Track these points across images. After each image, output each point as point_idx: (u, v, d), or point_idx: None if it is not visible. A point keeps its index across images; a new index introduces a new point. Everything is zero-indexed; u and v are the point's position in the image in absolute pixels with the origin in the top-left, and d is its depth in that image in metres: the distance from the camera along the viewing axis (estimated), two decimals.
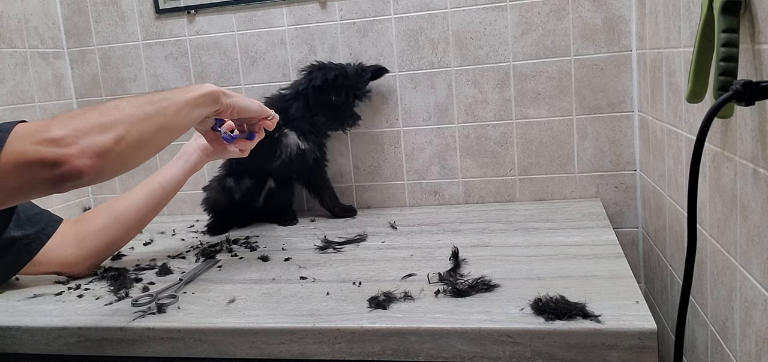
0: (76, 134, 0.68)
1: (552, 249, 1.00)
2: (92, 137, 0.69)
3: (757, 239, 0.63)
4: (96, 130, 0.70)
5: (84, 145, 0.68)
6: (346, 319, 0.79)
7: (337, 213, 1.35)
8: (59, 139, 0.67)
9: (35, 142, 0.66)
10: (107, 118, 0.72)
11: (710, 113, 0.60)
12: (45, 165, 0.66)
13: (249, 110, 0.97)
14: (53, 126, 0.68)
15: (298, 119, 1.26)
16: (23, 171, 0.66)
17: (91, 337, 0.86)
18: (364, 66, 1.30)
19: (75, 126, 0.68)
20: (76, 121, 0.69)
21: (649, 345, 0.69)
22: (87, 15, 1.50)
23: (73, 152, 0.67)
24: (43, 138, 0.66)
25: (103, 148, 0.70)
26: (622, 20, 1.23)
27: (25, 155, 0.66)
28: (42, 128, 0.68)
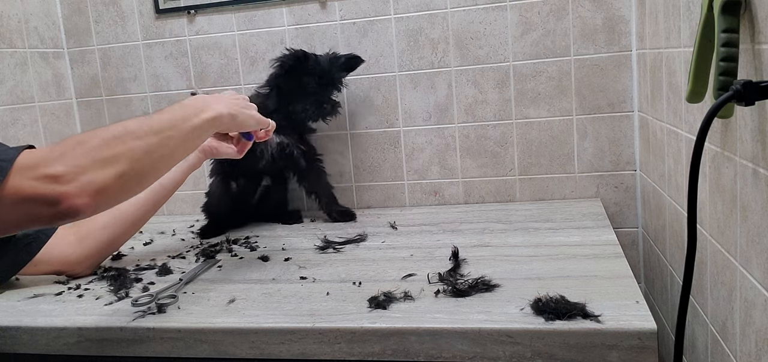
0: (76, 170, 0.66)
1: (552, 249, 1.00)
2: (92, 173, 0.66)
3: (757, 239, 0.63)
4: (97, 166, 0.67)
5: (84, 181, 0.66)
6: (346, 319, 0.79)
7: (334, 218, 1.32)
8: (59, 176, 0.64)
9: (34, 178, 0.64)
10: (110, 151, 0.69)
11: (710, 113, 0.60)
12: (43, 202, 0.64)
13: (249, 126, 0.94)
14: (54, 160, 0.65)
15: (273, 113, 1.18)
16: (21, 206, 0.64)
17: (91, 337, 0.86)
18: (338, 54, 1.28)
19: (76, 161, 0.66)
20: (77, 155, 0.67)
21: (649, 345, 0.69)
22: (87, 15, 1.50)
23: (71, 190, 0.65)
24: (43, 173, 0.64)
25: (102, 185, 0.67)
26: (622, 20, 1.23)
27: (24, 191, 0.64)
28: (42, 161, 0.65)
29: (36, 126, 1.42)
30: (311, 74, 1.22)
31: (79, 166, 0.66)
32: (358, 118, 1.39)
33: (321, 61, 1.24)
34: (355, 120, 1.40)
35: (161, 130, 0.76)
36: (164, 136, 0.76)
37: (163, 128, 0.76)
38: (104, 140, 0.69)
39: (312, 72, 1.22)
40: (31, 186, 0.64)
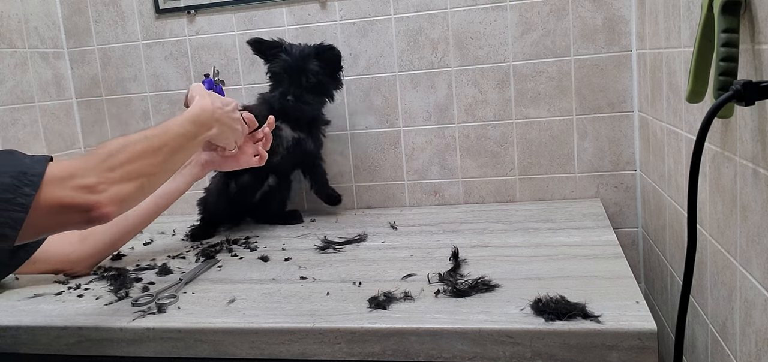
0: (108, 182, 0.74)
1: (552, 249, 1.00)
2: (120, 186, 0.76)
3: (757, 239, 0.63)
4: (124, 179, 0.76)
5: (112, 193, 0.74)
6: (346, 319, 0.79)
7: (323, 198, 1.36)
8: (93, 186, 0.73)
9: (72, 188, 0.71)
10: (134, 168, 0.78)
11: (710, 113, 0.60)
12: (78, 209, 0.72)
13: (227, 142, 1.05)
14: (87, 171, 0.73)
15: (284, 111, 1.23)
16: (57, 213, 0.71)
17: (91, 337, 0.86)
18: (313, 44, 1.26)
19: (106, 175, 0.74)
20: (107, 167, 0.75)
21: (649, 345, 0.69)
22: (87, 15, 1.50)
23: (102, 199, 0.73)
24: (80, 184, 0.72)
25: (127, 196, 0.77)
26: (622, 20, 1.23)
27: (62, 199, 0.71)
28: (78, 172, 0.73)
29: (36, 126, 1.42)
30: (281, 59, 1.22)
31: (109, 178, 0.75)
32: (358, 118, 1.39)
33: (292, 49, 1.23)
34: (355, 120, 1.40)
35: (176, 150, 0.87)
36: (177, 155, 0.88)
37: (178, 149, 0.87)
38: (132, 155, 0.79)
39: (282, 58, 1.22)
40: (69, 196, 0.71)
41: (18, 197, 0.68)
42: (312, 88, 1.23)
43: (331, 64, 1.25)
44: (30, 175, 0.70)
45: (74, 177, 0.72)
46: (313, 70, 1.22)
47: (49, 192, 0.70)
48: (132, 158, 0.78)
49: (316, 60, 1.23)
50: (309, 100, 1.24)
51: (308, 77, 1.22)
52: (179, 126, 0.89)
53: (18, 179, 0.69)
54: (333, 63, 1.26)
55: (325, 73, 1.24)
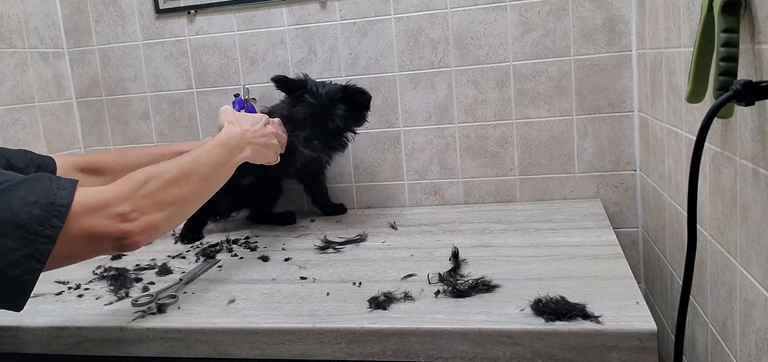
0: (140, 211, 0.74)
1: (552, 249, 1.00)
2: (152, 215, 0.76)
3: (757, 239, 0.63)
4: (156, 208, 0.77)
5: (144, 222, 0.74)
6: (346, 320, 0.79)
7: (327, 212, 1.38)
8: (126, 215, 0.73)
9: (106, 217, 0.71)
10: (167, 196, 0.79)
11: (710, 113, 0.60)
12: (111, 237, 0.72)
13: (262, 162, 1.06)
14: (121, 200, 0.73)
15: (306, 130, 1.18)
16: (91, 241, 0.71)
17: (91, 337, 0.86)
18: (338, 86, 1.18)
19: (139, 202, 0.75)
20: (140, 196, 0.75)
21: (649, 346, 0.69)
22: (87, 15, 1.50)
23: (134, 228, 0.73)
24: (114, 212, 0.72)
25: (157, 225, 0.77)
26: (622, 20, 1.23)
27: (96, 228, 0.71)
28: (110, 201, 0.73)
29: (36, 126, 1.42)
30: (306, 103, 1.15)
31: (141, 207, 0.75)
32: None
33: (318, 90, 1.16)
34: None
35: (209, 177, 0.88)
36: (210, 181, 0.89)
37: (210, 173, 0.88)
38: (164, 183, 0.79)
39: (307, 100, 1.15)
40: (104, 225, 0.71)
41: (46, 229, 0.67)
42: (336, 131, 1.17)
43: (358, 106, 1.19)
44: (58, 205, 0.68)
45: (109, 205, 0.72)
46: (339, 115, 1.15)
47: (81, 221, 0.70)
48: (164, 186, 0.79)
49: (342, 102, 1.16)
50: (333, 144, 1.18)
51: (334, 121, 1.15)
52: (209, 152, 0.90)
53: (46, 210, 0.67)
54: (361, 106, 1.20)
55: (351, 114, 1.18)
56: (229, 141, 0.95)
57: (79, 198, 0.71)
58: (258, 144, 1.01)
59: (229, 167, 0.94)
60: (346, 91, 1.17)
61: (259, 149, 1.01)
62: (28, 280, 0.67)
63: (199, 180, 0.85)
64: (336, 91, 1.16)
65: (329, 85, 1.18)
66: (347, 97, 1.17)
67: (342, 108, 1.16)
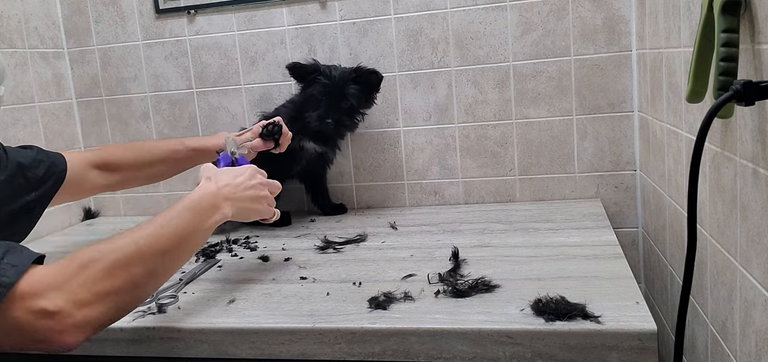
0: (74, 306, 0.62)
1: (552, 249, 1.00)
2: (90, 309, 0.63)
3: (757, 239, 0.63)
4: (96, 299, 0.64)
5: (79, 318, 0.62)
6: (346, 320, 0.79)
7: (327, 212, 1.39)
8: (53, 313, 0.60)
9: (30, 312, 0.60)
10: (113, 282, 0.65)
11: (710, 113, 0.60)
12: (35, 338, 0.60)
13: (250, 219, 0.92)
14: (51, 289, 0.61)
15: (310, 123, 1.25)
16: (14, 335, 0.61)
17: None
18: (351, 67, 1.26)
19: (74, 296, 0.62)
20: (76, 285, 0.63)
21: (649, 346, 0.69)
22: (87, 15, 1.50)
23: (64, 327, 0.61)
24: (38, 308, 0.60)
25: (97, 322, 0.64)
26: (622, 20, 1.23)
27: (18, 323, 0.60)
28: (39, 291, 0.61)
29: (36, 126, 1.42)
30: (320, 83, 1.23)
31: (78, 300, 0.62)
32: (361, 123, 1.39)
33: (331, 72, 1.24)
34: None
35: (169, 249, 0.73)
36: (173, 255, 0.74)
37: (172, 246, 0.74)
38: (111, 265, 0.66)
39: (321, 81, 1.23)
40: (25, 319, 0.60)
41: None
42: (349, 110, 1.25)
43: (370, 86, 1.27)
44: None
45: (36, 297, 0.60)
46: (352, 94, 1.23)
47: (8, 309, 0.59)
48: (111, 269, 0.65)
49: (355, 83, 1.24)
50: (347, 123, 1.26)
51: (347, 100, 1.23)
52: (173, 219, 0.75)
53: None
54: (373, 86, 1.27)
55: (363, 95, 1.26)
56: (200, 201, 0.80)
57: (26, 279, 0.60)
58: (240, 199, 0.86)
59: (200, 233, 0.79)
60: (358, 71, 1.25)
61: (243, 205, 0.86)
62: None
63: (158, 255, 0.71)
64: (350, 72, 1.24)
65: (341, 68, 1.26)
66: (360, 77, 1.25)
67: (355, 87, 1.24)
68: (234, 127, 1.40)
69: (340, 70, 1.25)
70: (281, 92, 1.40)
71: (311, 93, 1.24)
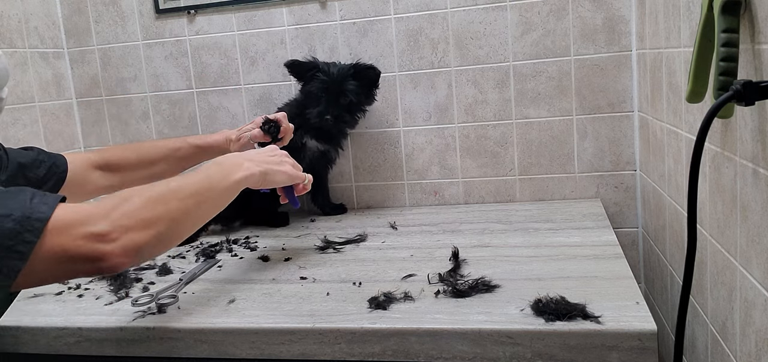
0: (120, 230, 0.67)
1: (552, 249, 1.00)
2: (134, 233, 0.68)
3: (757, 239, 0.63)
4: (139, 226, 0.69)
5: (125, 241, 0.67)
6: (347, 320, 0.79)
7: (327, 212, 1.39)
8: (104, 235, 0.66)
9: (80, 237, 0.65)
10: (152, 212, 0.71)
11: (710, 113, 0.60)
12: (86, 259, 0.65)
13: (280, 182, 0.97)
14: (98, 217, 0.67)
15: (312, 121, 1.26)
16: (64, 263, 0.65)
17: (91, 337, 0.86)
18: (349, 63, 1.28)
19: (120, 221, 0.67)
20: (120, 213, 0.68)
21: (649, 346, 0.69)
22: (87, 15, 1.50)
23: (114, 249, 0.66)
24: (88, 232, 0.65)
25: (141, 245, 0.69)
26: (622, 20, 1.23)
27: (68, 250, 0.64)
28: (86, 219, 0.66)
29: (36, 126, 1.42)
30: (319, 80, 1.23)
31: (123, 225, 0.67)
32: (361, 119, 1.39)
33: (329, 68, 1.24)
34: None
35: (199, 192, 0.79)
36: (201, 197, 0.79)
37: (201, 189, 0.79)
38: (148, 200, 0.72)
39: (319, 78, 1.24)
40: (75, 245, 0.64)
41: (17, 244, 0.62)
42: (349, 106, 1.26)
43: (369, 82, 1.28)
44: (33, 219, 0.63)
45: (83, 223, 0.65)
46: (351, 90, 1.24)
47: (56, 240, 0.64)
48: (148, 202, 0.71)
49: (354, 79, 1.25)
50: (347, 119, 1.27)
51: (346, 96, 1.24)
52: (201, 171, 0.83)
53: (20, 224, 0.62)
54: (371, 81, 1.28)
55: (362, 91, 1.27)
56: (223, 160, 0.88)
57: (59, 214, 0.65)
58: (263, 161, 0.92)
59: (226, 184, 0.84)
60: (357, 67, 1.26)
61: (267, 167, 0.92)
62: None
63: (189, 196, 0.77)
64: (348, 68, 1.25)
65: (339, 64, 1.27)
66: (359, 73, 1.25)
67: (354, 83, 1.24)
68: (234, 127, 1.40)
69: (339, 66, 1.26)
70: (281, 92, 1.40)
71: (310, 90, 1.25)
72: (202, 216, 0.80)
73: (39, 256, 0.63)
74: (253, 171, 0.88)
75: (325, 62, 1.26)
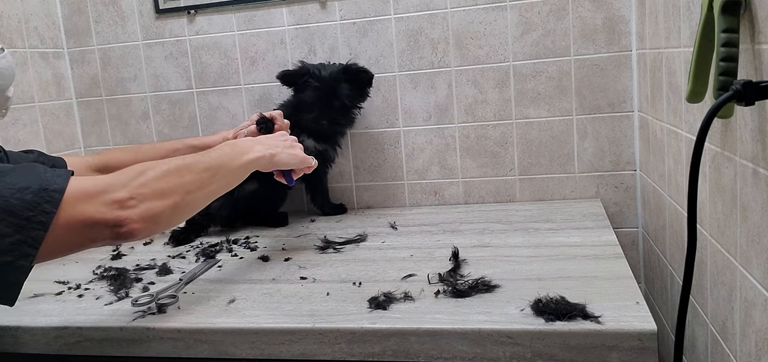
0: (139, 198, 0.71)
1: (552, 249, 1.00)
2: (151, 202, 0.72)
3: (757, 239, 0.63)
4: (155, 196, 0.73)
5: (143, 209, 0.71)
6: (347, 320, 0.79)
7: (327, 212, 1.39)
8: (123, 201, 0.70)
9: (102, 203, 0.69)
10: (167, 184, 0.75)
11: (710, 113, 0.60)
12: (107, 225, 0.69)
13: (289, 165, 1.00)
14: (118, 186, 0.71)
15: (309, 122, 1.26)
16: (86, 229, 0.68)
17: (91, 337, 0.86)
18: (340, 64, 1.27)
19: (138, 190, 0.72)
20: (138, 184, 0.72)
21: (649, 346, 0.69)
22: (87, 15, 1.50)
23: (133, 215, 0.70)
24: (110, 199, 0.69)
25: (158, 214, 0.73)
26: (622, 20, 1.23)
27: (91, 216, 0.68)
28: (106, 187, 0.70)
29: (36, 126, 1.42)
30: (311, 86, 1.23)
31: (141, 194, 0.72)
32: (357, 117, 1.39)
33: (320, 72, 1.24)
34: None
35: (212, 167, 0.83)
36: (214, 172, 0.83)
37: (214, 165, 0.84)
38: (164, 172, 0.76)
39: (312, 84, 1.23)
40: (99, 212, 0.69)
41: (38, 215, 0.65)
42: (342, 108, 1.26)
43: (361, 83, 1.28)
44: (51, 190, 0.67)
45: (105, 192, 0.70)
46: (344, 94, 1.24)
47: (76, 208, 0.67)
48: (164, 174, 0.75)
49: (346, 81, 1.25)
50: (342, 121, 1.28)
51: (340, 100, 1.25)
52: (215, 150, 0.87)
53: (39, 195, 0.66)
54: (364, 83, 1.28)
55: (355, 92, 1.27)
56: (237, 143, 0.93)
57: (74, 184, 0.69)
58: (273, 145, 0.96)
59: (237, 164, 0.88)
60: (348, 70, 1.25)
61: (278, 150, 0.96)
62: (21, 267, 0.65)
63: (203, 169, 0.81)
64: (339, 71, 1.25)
65: (329, 66, 1.27)
66: (351, 76, 1.25)
67: (346, 87, 1.24)
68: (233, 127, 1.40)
69: (330, 69, 1.25)
70: (281, 92, 1.40)
71: (303, 98, 1.25)
72: (215, 190, 0.84)
73: (60, 224, 0.66)
74: (264, 153, 0.93)
75: (315, 66, 1.25)
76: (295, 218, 1.36)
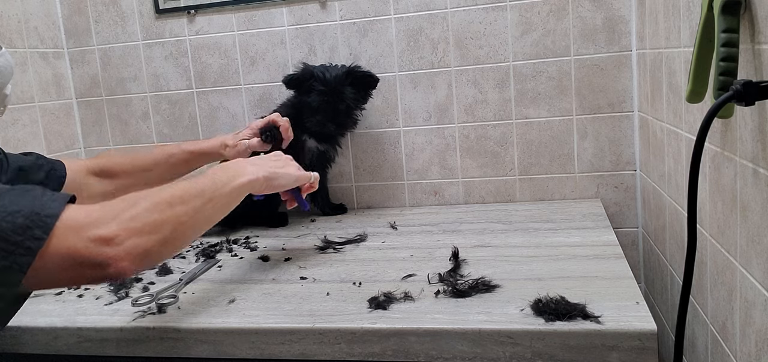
0: (127, 234, 0.66)
1: (552, 249, 1.00)
2: (140, 238, 0.68)
3: (757, 239, 0.63)
4: (145, 230, 0.69)
5: (130, 246, 0.66)
6: (347, 320, 0.79)
7: (327, 212, 1.39)
8: (110, 239, 0.65)
9: (86, 240, 0.64)
10: (159, 215, 0.71)
11: (710, 113, 0.60)
12: (92, 264, 0.64)
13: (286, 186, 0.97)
14: (105, 220, 0.66)
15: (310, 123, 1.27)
16: (71, 267, 0.64)
17: (91, 337, 0.86)
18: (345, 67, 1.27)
19: (127, 224, 0.67)
20: (127, 217, 0.68)
21: (649, 346, 0.69)
22: (87, 15, 1.50)
23: (119, 253, 0.65)
24: (95, 235, 0.64)
25: (147, 250, 0.69)
26: (622, 20, 1.23)
27: (78, 251, 0.64)
28: (93, 221, 0.65)
29: (36, 126, 1.42)
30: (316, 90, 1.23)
31: (129, 228, 0.67)
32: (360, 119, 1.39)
33: (325, 75, 1.24)
34: None
35: (203, 194, 0.79)
36: (206, 199, 0.79)
37: (206, 192, 0.79)
38: (154, 204, 0.71)
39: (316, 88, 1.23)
40: (83, 247, 0.64)
41: (26, 240, 0.61)
42: (347, 110, 1.26)
43: (365, 86, 1.28)
44: (43, 216, 0.63)
45: (91, 226, 0.65)
46: (348, 97, 1.25)
47: (66, 238, 0.63)
48: (155, 206, 0.71)
49: (350, 84, 1.25)
50: (347, 123, 1.28)
51: (345, 102, 1.25)
52: (206, 175, 0.83)
53: (30, 219, 0.62)
54: (368, 86, 1.29)
55: (358, 95, 1.28)
56: (226, 165, 0.89)
57: (69, 212, 0.65)
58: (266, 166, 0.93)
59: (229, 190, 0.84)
60: (352, 73, 1.26)
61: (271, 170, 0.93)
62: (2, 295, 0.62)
63: (197, 197, 0.77)
64: (343, 73, 1.25)
65: (333, 68, 1.27)
66: (356, 80, 1.26)
67: (350, 90, 1.25)
68: (234, 128, 1.40)
69: (334, 72, 1.25)
70: (281, 92, 1.40)
71: (308, 101, 1.24)
72: (208, 220, 0.80)
73: (48, 254, 0.62)
74: (257, 175, 0.89)
75: (318, 68, 1.25)
76: (295, 218, 1.36)
